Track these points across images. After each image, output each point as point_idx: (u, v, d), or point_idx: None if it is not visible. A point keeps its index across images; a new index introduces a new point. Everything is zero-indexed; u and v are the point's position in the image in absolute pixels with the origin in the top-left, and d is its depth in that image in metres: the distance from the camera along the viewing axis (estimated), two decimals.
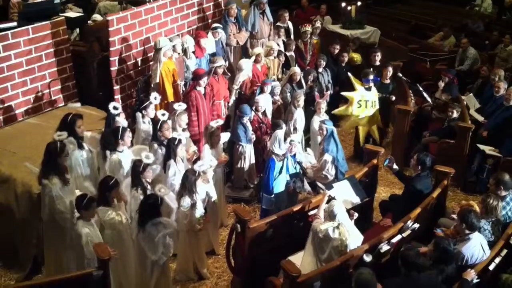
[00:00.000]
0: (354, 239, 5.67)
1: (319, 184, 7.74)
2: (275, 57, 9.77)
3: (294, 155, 7.23)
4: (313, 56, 10.31)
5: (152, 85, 8.50)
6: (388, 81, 9.34)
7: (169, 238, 5.73)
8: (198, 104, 8.06)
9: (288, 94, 8.96)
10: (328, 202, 5.98)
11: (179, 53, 8.75)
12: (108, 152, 6.57)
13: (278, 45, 10.05)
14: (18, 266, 6.61)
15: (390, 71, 9.31)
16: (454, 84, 9.80)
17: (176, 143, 6.69)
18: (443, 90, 9.63)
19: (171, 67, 8.41)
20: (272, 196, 7.00)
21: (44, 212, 5.99)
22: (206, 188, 6.54)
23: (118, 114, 7.06)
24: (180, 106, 7.52)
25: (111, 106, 7.07)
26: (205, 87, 8.23)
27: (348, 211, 5.96)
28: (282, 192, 7.11)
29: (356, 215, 6.03)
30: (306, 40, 10.36)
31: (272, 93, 8.67)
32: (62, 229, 6.07)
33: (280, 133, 7.12)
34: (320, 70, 9.58)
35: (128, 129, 6.82)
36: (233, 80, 9.23)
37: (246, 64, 9.02)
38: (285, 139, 7.08)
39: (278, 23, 10.76)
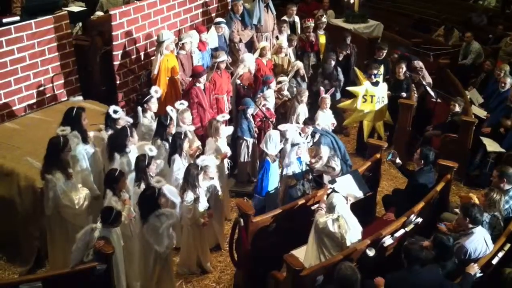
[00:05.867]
0: (354, 231, 5.67)
1: (325, 180, 7.71)
2: (286, 55, 9.71)
3: (300, 157, 7.15)
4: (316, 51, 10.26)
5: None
6: (402, 78, 9.19)
7: (172, 230, 5.72)
8: (200, 100, 8.05)
9: (295, 89, 8.94)
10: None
11: (187, 50, 8.74)
12: (116, 155, 6.47)
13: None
14: (21, 260, 6.63)
15: (403, 67, 9.13)
16: (405, 56, 9.82)
17: (182, 137, 6.69)
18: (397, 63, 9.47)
19: (171, 61, 8.39)
20: (262, 196, 6.88)
21: (48, 207, 6.00)
22: (209, 183, 6.54)
23: (118, 118, 6.87)
24: (181, 105, 7.40)
25: (111, 109, 6.86)
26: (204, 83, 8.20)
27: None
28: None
29: (350, 200, 6.02)
30: (308, 35, 10.30)
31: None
32: (65, 223, 6.09)
33: (274, 133, 6.91)
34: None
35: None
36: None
37: (248, 58, 9.01)
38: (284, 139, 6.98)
39: (285, 17, 10.71)
